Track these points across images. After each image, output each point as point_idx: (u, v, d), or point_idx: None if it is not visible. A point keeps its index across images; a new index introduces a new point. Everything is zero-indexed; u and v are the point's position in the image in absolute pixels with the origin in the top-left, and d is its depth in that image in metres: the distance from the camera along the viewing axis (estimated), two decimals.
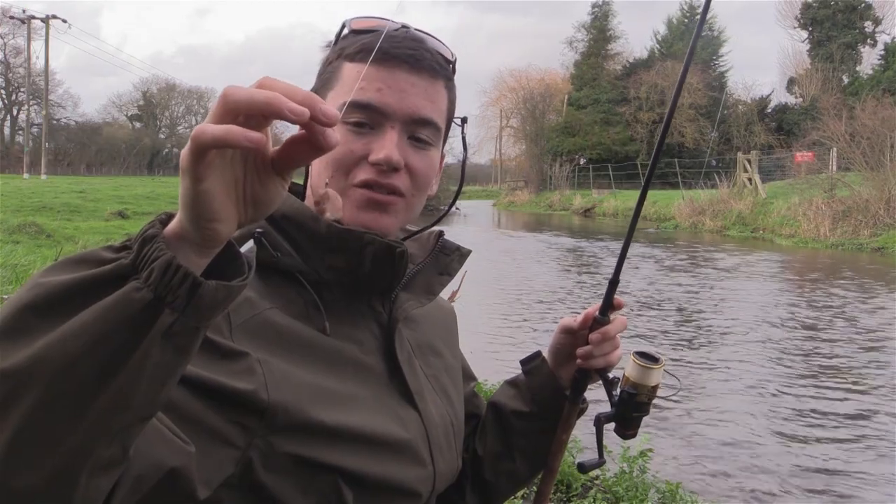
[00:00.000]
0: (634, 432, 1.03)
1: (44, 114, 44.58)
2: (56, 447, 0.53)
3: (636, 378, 0.99)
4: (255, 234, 0.84)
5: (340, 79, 0.88)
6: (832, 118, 22.54)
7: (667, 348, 7.44)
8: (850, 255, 16.62)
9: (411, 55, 0.87)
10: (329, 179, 0.87)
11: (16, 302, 0.54)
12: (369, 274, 0.86)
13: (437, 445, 0.93)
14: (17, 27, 52.71)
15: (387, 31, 0.87)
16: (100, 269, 0.54)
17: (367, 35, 0.88)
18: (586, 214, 34.00)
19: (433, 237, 1.00)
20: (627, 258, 1.02)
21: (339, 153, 0.85)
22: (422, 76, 0.87)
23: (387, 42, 0.85)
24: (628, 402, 0.99)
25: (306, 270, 0.86)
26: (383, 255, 0.85)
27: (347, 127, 0.86)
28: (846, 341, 7.78)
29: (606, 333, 1.00)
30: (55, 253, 7.69)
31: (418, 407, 0.91)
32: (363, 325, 0.90)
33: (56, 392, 0.52)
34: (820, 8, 43.80)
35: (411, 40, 0.88)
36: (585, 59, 51.43)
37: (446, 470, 0.95)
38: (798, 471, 4.46)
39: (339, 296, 0.88)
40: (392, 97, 0.85)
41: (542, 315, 9.20)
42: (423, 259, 0.96)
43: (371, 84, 0.85)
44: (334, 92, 0.88)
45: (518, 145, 58.61)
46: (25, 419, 0.52)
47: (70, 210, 17.09)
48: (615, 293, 1.02)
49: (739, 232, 22.16)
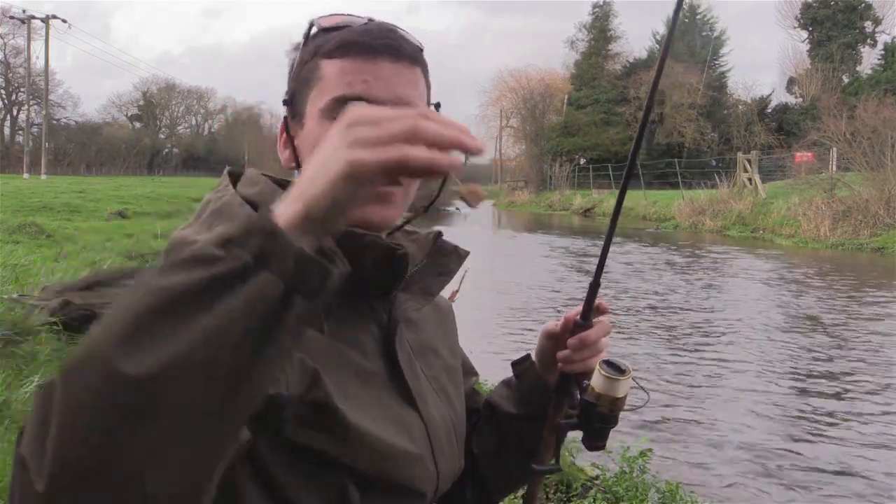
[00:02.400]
0: (601, 444, 0.99)
1: (44, 114, 44.61)
2: (196, 449, 0.53)
3: (600, 388, 0.95)
4: None
5: (322, 77, 0.87)
6: (833, 118, 22.52)
7: (666, 348, 7.44)
8: (850, 255, 16.63)
9: (391, 45, 0.87)
10: None
11: (132, 308, 0.54)
12: (369, 276, 0.86)
13: (440, 446, 0.93)
14: (17, 27, 52.72)
15: (359, 25, 0.88)
16: (226, 267, 0.55)
17: (338, 31, 0.88)
18: (586, 214, 34.01)
19: (431, 237, 1.00)
20: (628, 261, 0.99)
21: None
22: (403, 64, 0.87)
23: (364, 35, 0.86)
24: (590, 413, 0.96)
25: None
26: (383, 257, 0.86)
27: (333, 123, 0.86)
28: (846, 341, 7.79)
29: (585, 339, 0.98)
30: (55, 253, 7.69)
31: (419, 408, 0.91)
32: (363, 326, 0.89)
33: (195, 393, 0.52)
34: (820, 8, 43.82)
35: (387, 31, 0.89)
36: (586, 58, 51.48)
37: (449, 470, 0.95)
38: (799, 471, 4.46)
39: (338, 297, 0.87)
40: (379, 88, 0.85)
41: (542, 315, 9.20)
42: (420, 260, 0.96)
43: (356, 77, 0.85)
44: (317, 90, 0.87)
45: (518, 145, 58.67)
46: (165, 425, 0.51)
47: (70, 210, 17.08)
48: (596, 296, 0.99)
49: (739, 232, 22.16)
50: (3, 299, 4.48)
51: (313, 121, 0.87)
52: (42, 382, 0.54)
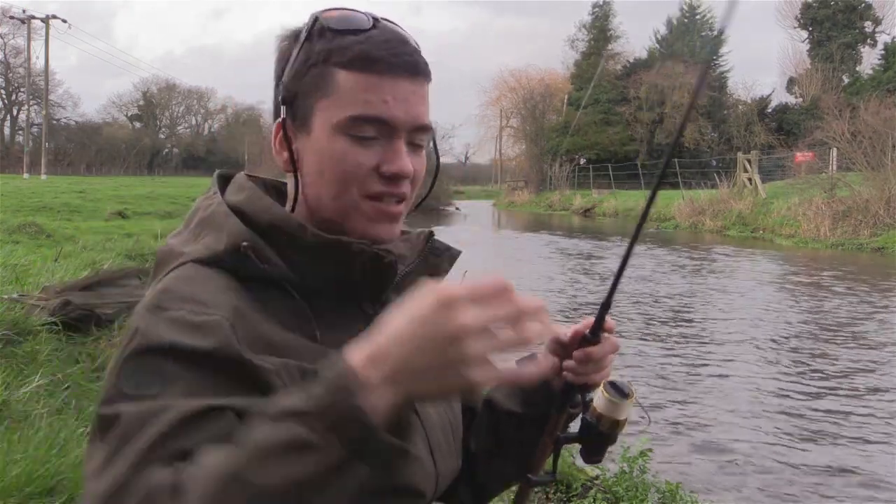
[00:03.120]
0: (598, 459, 1.02)
1: (44, 114, 44.62)
2: None
3: (602, 409, 0.96)
4: (241, 246, 0.82)
5: (337, 88, 0.85)
6: (834, 117, 22.51)
7: (666, 348, 7.44)
8: (850, 255, 16.62)
9: (410, 62, 0.86)
10: (336, 193, 0.87)
11: (245, 492, 0.60)
12: (359, 281, 0.87)
13: (438, 446, 0.93)
14: (17, 27, 52.73)
15: (376, 35, 0.85)
16: (325, 462, 0.61)
17: (353, 37, 0.85)
18: (586, 214, 34.00)
19: (422, 238, 1.00)
20: (629, 262, 0.98)
21: (348, 166, 0.85)
22: (418, 82, 0.87)
23: (384, 49, 0.85)
24: (590, 431, 0.98)
25: (295, 280, 0.85)
26: (372, 263, 0.86)
27: (353, 139, 0.85)
28: (846, 341, 7.79)
29: (590, 355, 0.97)
30: (55, 253, 7.69)
31: (415, 408, 0.90)
32: (355, 329, 0.89)
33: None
34: (820, 8, 43.82)
35: (402, 43, 0.87)
36: (586, 58, 51.48)
37: (447, 470, 0.96)
38: (799, 471, 4.46)
39: (329, 302, 0.87)
40: (399, 109, 0.85)
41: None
42: (412, 260, 0.96)
43: (377, 96, 0.84)
44: (330, 101, 0.85)
45: (518, 145, 58.63)
46: None
47: (70, 210, 17.08)
48: (606, 316, 0.98)
49: (739, 232, 22.16)
50: (3, 299, 4.48)
51: (324, 132, 0.86)
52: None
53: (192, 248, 0.85)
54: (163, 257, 0.88)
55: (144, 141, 74.69)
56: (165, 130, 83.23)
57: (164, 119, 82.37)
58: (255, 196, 0.88)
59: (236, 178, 0.95)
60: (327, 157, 0.86)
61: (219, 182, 0.95)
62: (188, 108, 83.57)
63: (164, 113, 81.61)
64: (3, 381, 3.38)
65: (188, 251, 0.85)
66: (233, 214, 0.85)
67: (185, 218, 0.92)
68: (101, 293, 5.12)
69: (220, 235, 0.84)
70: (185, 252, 0.85)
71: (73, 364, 4.09)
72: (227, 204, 0.87)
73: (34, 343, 4.05)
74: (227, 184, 0.95)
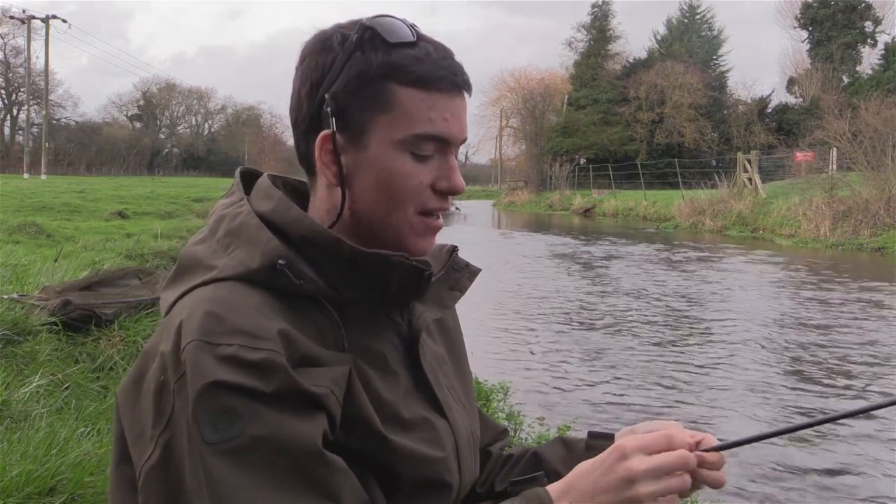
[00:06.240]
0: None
1: (44, 114, 44.62)
2: None
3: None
4: (277, 264, 0.81)
5: (399, 105, 0.84)
6: (835, 117, 22.50)
7: (665, 348, 7.44)
8: (850, 254, 16.63)
9: (465, 81, 0.89)
10: (392, 209, 0.87)
11: None
12: (394, 293, 0.88)
13: (464, 455, 0.94)
14: (18, 27, 52.73)
15: (430, 52, 0.86)
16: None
17: (405, 49, 0.85)
18: (586, 214, 34.01)
19: (446, 251, 1.01)
20: (629, 262, 0.97)
21: (409, 185, 0.86)
22: (465, 98, 0.90)
23: (444, 69, 0.86)
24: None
25: (328, 292, 0.84)
26: (411, 276, 0.87)
27: (413, 157, 0.86)
28: (846, 341, 7.79)
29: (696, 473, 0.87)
30: (55, 253, 7.68)
31: (447, 416, 0.92)
32: (385, 338, 0.90)
33: None
34: (820, 8, 43.82)
35: (453, 60, 0.89)
36: (585, 58, 51.46)
37: (469, 479, 0.96)
38: (799, 470, 4.46)
39: (358, 312, 0.87)
40: (455, 126, 0.88)
41: (542, 314, 9.20)
42: (437, 271, 0.97)
43: (438, 114, 0.86)
44: (391, 117, 0.84)
45: (518, 145, 58.67)
46: None
47: (70, 210, 17.06)
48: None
49: (739, 232, 22.16)
50: (2, 299, 4.48)
51: (385, 149, 0.85)
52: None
53: (224, 262, 0.83)
54: (187, 263, 0.86)
55: (144, 141, 74.72)
56: (165, 130, 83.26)
57: (164, 119, 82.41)
58: (284, 206, 0.86)
59: (260, 183, 0.92)
60: (387, 174, 0.85)
61: (242, 180, 0.93)
62: (188, 107, 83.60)
63: (164, 113, 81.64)
64: (3, 381, 3.38)
65: (219, 266, 0.83)
66: (265, 228, 0.83)
67: (209, 223, 0.89)
68: (101, 293, 5.11)
69: (254, 251, 0.82)
70: (215, 266, 0.83)
71: (72, 364, 4.09)
72: (256, 213, 0.85)
73: (34, 343, 4.04)
74: (251, 182, 0.93)
